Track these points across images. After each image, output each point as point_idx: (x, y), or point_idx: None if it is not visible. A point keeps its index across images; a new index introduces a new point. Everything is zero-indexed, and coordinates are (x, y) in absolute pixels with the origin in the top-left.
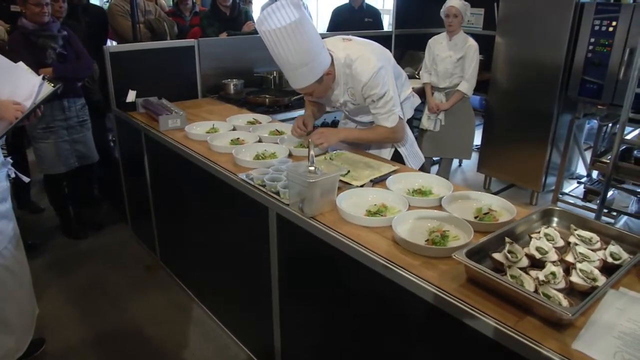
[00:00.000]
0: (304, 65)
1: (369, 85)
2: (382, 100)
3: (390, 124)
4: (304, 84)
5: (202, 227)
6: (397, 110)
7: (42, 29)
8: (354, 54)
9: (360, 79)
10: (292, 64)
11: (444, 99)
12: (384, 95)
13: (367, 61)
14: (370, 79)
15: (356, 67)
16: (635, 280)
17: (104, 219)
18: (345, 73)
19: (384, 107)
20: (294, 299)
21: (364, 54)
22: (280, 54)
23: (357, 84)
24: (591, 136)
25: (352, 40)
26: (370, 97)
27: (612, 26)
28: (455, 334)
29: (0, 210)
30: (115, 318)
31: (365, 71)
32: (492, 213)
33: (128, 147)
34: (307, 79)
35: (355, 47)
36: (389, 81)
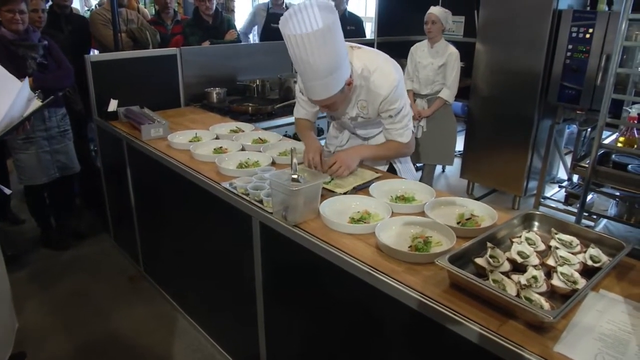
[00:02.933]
0: (331, 73)
1: (388, 100)
2: (400, 115)
3: (405, 139)
4: (328, 94)
5: (186, 236)
6: (411, 125)
7: (22, 39)
8: (371, 65)
9: (379, 92)
10: (319, 73)
11: (426, 106)
12: (402, 110)
13: (387, 74)
14: (391, 94)
15: (374, 80)
16: (615, 282)
17: (86, 229)
18: (360, 84)
19: (401, 122)
20: (278, 307)
21: (382, 66)
22: (308, 61)
23: (374, 98)
24: (571, 141)
25: (362, 49)
26: (388, 112)
27: (589, 33)
28: (438, 339)
29: None
30: (99, 329)
31: (385, 85)
32: (474, 218)
33: (110, 156)
34: (331, 88)
35: (372, 57)
36: (405, 95)
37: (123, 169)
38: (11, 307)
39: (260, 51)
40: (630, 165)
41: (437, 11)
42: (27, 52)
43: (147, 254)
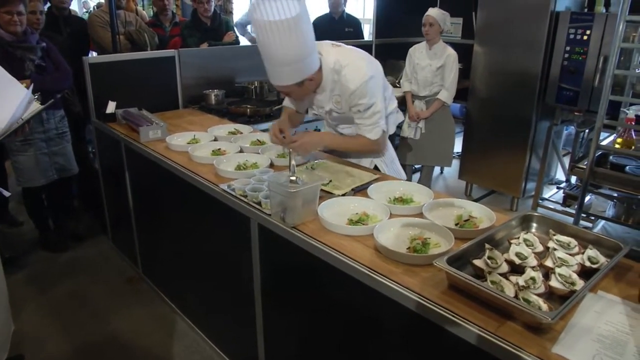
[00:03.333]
0: (289, 64)
1: (356, 94)
2: (369, 112)
3: (374, 136)
4: (283, 82)
5: (184, 238)
6: (382, 123)
7: (20, 40)
8: (344, 60)
9: (348, 86)
10: (278, 61)
11: (424, 107)
12: (372, 107)
13: (358, 69)
14: (359, 88)
15: (345, 74)
16: (613, 283)
17: (84, 231)
18: (333, 79)
19: (370, 119)
20: (277, 309)
21: (355, 61)
22: (271, 48)
23: (344, 91)
24: (569, 142)
25: (342, 47)
26: (356, 107)
27: (587, 35)
28: (437, 341)
29: None
30: (97, 332)
31: (354, 79)
32: (473, 220)
33: (108, 158)
34: (288, 78)
35: (346, 53)
36: (377, 93)
37: (121, 171)
38: (8, 310)
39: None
40: (627, 167)
41: (435, 13)
42: (25, 54)
43: (146, 256)
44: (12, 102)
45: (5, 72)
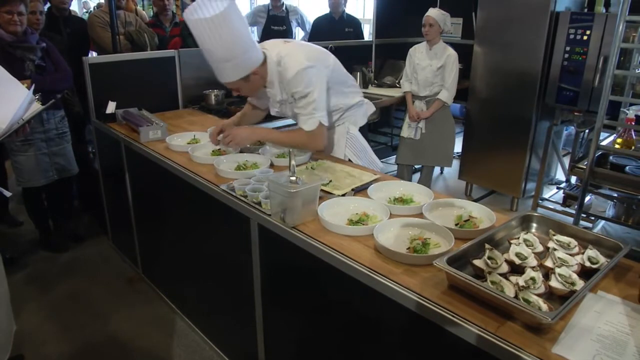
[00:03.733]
0: (228, 60)
1: (292, 82)
2: (305, 100)
3: (308, 127)
4: (227, 79)
5: (184, 238)
6: (318, 114)
7: (20, 41)
8: (284, 52)
9: (285, 74)
10: (216, 56)
11: (425, 108)
12: (307, 96)
13: (296, 58)
14: (295, 75)
15: (284, 63)
16: (613, 283)
17: (84, 231)
18: (278, 71)
19: (305, 108)
20: (277, 309)
21: (295, 51)
22: (205, 45)
23: (284, 80)
24: (569, 142)
25: (292, 42)
26: (293, 95)
27: (587, 35)
28: (437, 341)
29: None
30: (97, 332)
31: (291, 67)
32: (473, 220)
33: (108, 158)
34: (230, 75)
35: (289, 46)
36: (316, 83)
37: (121, 171)
38: (9, 310)
39: None
40: (627, 167)
41: (435, 14)
42: (25, 54)
43: (146, 256)
44: (13, 102)
45: (5, 72)
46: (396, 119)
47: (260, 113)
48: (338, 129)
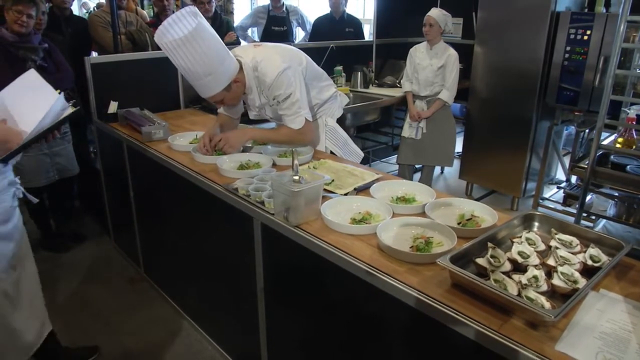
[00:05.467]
0: (209, 74)
1: (273, 86)
2: (288, 102)
3: (297, 125)
4: (211, 92)
5: (186, 238)
6: (303, 112)
7: (23, 41)
8: (259, 56)
9: (264, 79)
10: (196, 74)
11: (425, 107)
12: (290, 97)
13: (272, 62)
14: (275, 80)
15: (262, 69)
16: (615, 281)
17: (86, 231)
18: (254, 76)
19: (290, 109)
20: (280, 309)
21: (270, 55)
22: (182, 65)
23: (264, 85)
24: (569, 142)
25: (263, 45)
26: (275, 98)
27: (587, 35)
28: (441, 339)
29: (1, 232)
30: (98, 332)
31: (269, 72)
32: (475, 219)
33: (110, 158)
34: (213, 88)
35: (263, 50)
36: (295, 82)
37: (123, 171)
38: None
39: None
40: (628, 166)
41: (435, 14)
42: (28, 54)
43: (148, 256)
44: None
45: (40, 79)
46: (397, 118)
47: (234, 121)
48: (315, 123)
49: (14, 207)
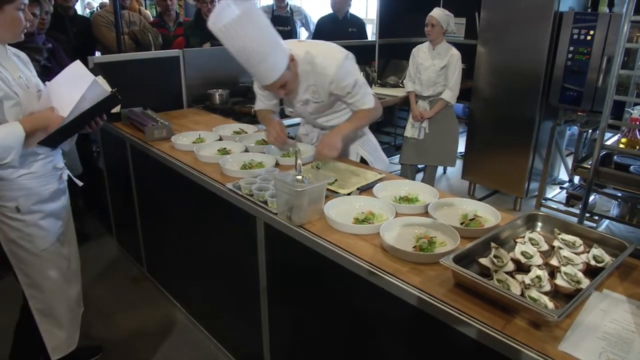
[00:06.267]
0: (268, 55)
1: (337, 79)
2: (356, 87)
3: (370, 104)
4: (275, 75)
5: (189, 237)
6: (369, 90)
7: (26, 41)
8: (314, 50)
9: (326, 73)
10: (256, 56)
11: (428, 107)
12: (356, 83)
13: (331, 54)
14: (337, 72)
15: (320, 62)
16: (618, 282)
17: (89, 230)
18: (306, 70)
19: (359, 93)
20: (282, 308)
21: (325, 47)
22: (240, 48)
23: (322, 80)
24: (572, 142)
25: (307, 41)
26: (343, 89)
27: (590, 35)
28: (443, 339)
29: (47, 210)
30: (101, 331)
31: (330, 65)
32: (478, 219)
33: (113, 158)
34: (276, 69)
35: (314, 45)
36: (355, 69)
37: (126, 170)
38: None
39: None
40: (632, 166)
41: (438, 14)
42: (32, 54)
43: (151, 255)
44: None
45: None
46: (399, 118)
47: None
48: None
49: (61, 189)
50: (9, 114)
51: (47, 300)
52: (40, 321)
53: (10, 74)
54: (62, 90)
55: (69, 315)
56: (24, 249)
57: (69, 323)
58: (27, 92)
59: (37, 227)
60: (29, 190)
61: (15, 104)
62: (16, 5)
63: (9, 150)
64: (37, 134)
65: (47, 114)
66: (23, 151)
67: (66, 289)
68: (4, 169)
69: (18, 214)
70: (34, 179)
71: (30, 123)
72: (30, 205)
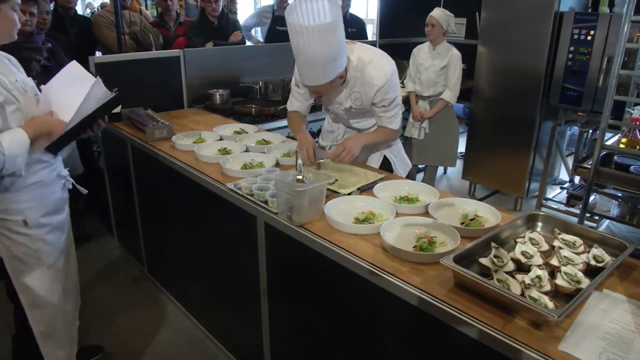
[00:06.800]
0: (328, 63)
1: (383, 90)
2: (393, 104)
3: (395, 126)
4: (319, 82)
5: (190, 237)
6: (400, 112)
7: (26, 41)
8: (366, 58)
9: (374, 83)
10: (314, 63)
11: (428, 107)
12: (395, 100)
13: (382, 66)
14: (385, 84)
15: (370, 72)
16: (618, 282)
17: (90, 230)
18: (354, 76)
19: (392, 111)
20: (283, 307)
21: (377, 58)
22: (308, 50)
23: (369, 88)
24: (572, 142)
25: (358, 44)
26: (382, 102)
27: (591, 35)
28: (444, 339)
29: (54, 222)
30: (102, 331)
31: (379, 76)
32: (478, 219)
33: (114, 158)
34: (323, 78)
35: (367, 50)
36: (397, 86)
37: (127, 170)
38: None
39: (263, 53)
40: (632, 166)
41: (438, 14)
42: (32, 54)
43: (151, 255)
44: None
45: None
46: None
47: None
48: None
49: (64, 199)
50: (12, 119)
51: (49, 320)
52: (42, 344)
53: (7, 77)
54: (61, 93)
55: (69, 335)
56: (30, 266)
57: (69, 343)
58: (26, 97)
59: (43, 242)
60: (37, 201)
61: (16, 109)
62: (10, 4)
63: (15, 158)
64: (40, 140)
65: (49, 119)
66: (28, 159)
67: (65, 305)
68: (9, 179)
69: (25, 228)
70: (40, 188)
71: (32, 128)
72: (38, 218)
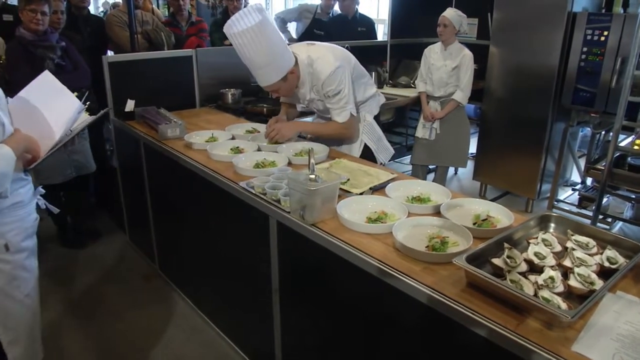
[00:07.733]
0: (268, 64)
1: (326, 82)
2: (337, 97)
3: (342, 119)
4: (269, 81)
5: (202, 235)
6: (349, 107)
7: (41, 39)
8: (314, 55)
9: (319, 76)
10: (257, 63)
11: (439, 108)
12: (339, 93)
13: (326, 61)
14: (328, 77)
15: (317, 66)
16: (632, 284)
17: (102, 228)
18: (309, 72)
19: (338, 103)
20: (295, 307)
21: (324, 54)
22: (246, 54)
23: (318, 82)
24: (584, 144)
25: (317, 45)
26: (326, 93)
27: (604, 35)
28: (456, 338)
29: (30, 246)
30: (113, 328)
31: (324, 69)
32: (490, 219)
33: (127, 156)
34: (271, 77)
35: (318, 49)
36: (345, 80)
37: (139, 168)
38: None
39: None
40: None
41: (450, 14)
42: (46, 52)
43: (163, 253)
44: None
45: (57, 81)
46: (411, 119)
47: (295, 110)
48: (357, 117)
49: (37, 219)
50: None
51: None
52: None
53: None
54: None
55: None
56: (10, 297)
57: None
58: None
59: (22, 269)
60: (18, 222)
61: None
62: None
63: (4, 177)
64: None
65: (27, 139)
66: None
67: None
68: None
69: (7, 254)
70: (21, 209)
71: (16, 145)
72: (19, 242)
